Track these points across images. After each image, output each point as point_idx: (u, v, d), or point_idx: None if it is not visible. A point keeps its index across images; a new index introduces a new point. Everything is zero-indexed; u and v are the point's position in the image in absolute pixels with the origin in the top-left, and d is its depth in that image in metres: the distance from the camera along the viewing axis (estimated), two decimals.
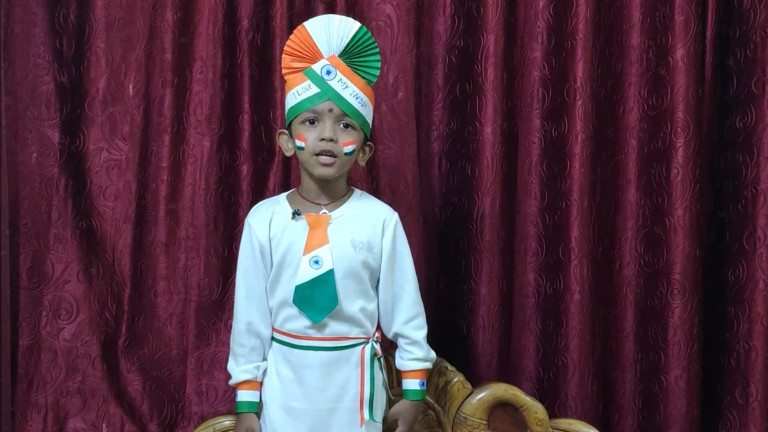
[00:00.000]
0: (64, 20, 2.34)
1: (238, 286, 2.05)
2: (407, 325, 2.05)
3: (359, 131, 1.99)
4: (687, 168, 2.32)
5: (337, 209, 2.02)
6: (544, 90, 2.35)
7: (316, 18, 2.03)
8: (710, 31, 2.36)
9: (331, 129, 1.95)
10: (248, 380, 2.03)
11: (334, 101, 1.95)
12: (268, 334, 2.03)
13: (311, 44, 1.97)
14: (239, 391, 2.04)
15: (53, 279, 2.35)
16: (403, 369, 2.07)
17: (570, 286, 2.36)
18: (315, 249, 1.97)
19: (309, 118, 1.96)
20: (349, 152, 1.97)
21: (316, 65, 1.96)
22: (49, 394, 2.35)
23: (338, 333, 1.99)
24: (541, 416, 2.22)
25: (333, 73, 1.95)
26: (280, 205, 2.04)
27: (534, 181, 2.36)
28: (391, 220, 2.04)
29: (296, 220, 1.99)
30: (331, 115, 1.95)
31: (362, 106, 1.98)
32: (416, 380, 2.06)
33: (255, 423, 2.03)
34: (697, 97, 2.33)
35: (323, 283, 1.96)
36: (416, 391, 2.06)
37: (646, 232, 2.38)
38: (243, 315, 2.03)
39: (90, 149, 2.36)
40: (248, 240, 2.03)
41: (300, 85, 1.97)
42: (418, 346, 2.05)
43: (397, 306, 2.05)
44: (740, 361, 2.33)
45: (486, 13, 2.36)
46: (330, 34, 1.97)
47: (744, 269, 2.33)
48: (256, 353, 2.03)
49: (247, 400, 2.03)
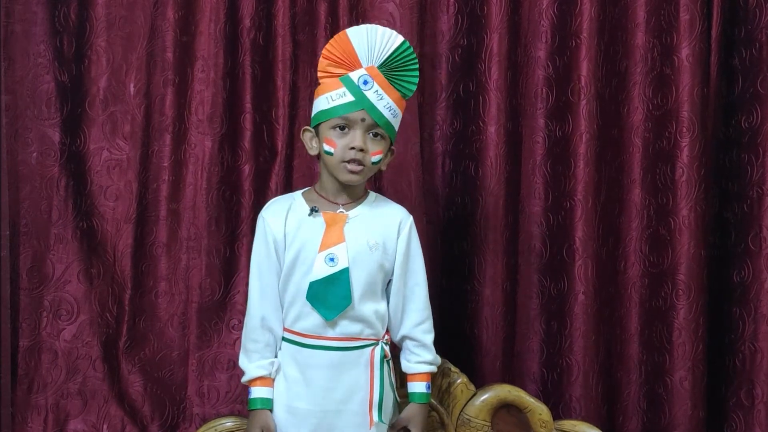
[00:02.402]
0: (64, 19, 2.33)
1: (251, 281, 2.04)
2: (417, 328, 2.05)
3: (387, 139, 2.00)
4: (692, 168, 2.31)
5: (353, 209, 2.02)
6: (548, 89, 2.35)
7: (359, 26, 2.01)
8: (716, 31, 2.36)
9: (361, 139, 1.95)
10: (262, 377, 2.01)
11: (367, 111, 1.95)
12: (280, 331, 2.02)
13: (351, 52, 1.97)
14: (253, 388, 2.02)
15: (53, 279, 2.35)
16: (410, 372, 2.06)
17: (574, 286, 2.35)
18: (331, 247, 1.97)
19: (340, 125, 1.96)
20: (376, 161, 1.98)
21: (353, 73, 1.96)
22: (50, 395, 2.34)
23: (349, 333, 1.98)
24: (545, 418, 2.22)
25: (370, 84, 1.95)
26: (296, 201, 2.04)
27: (538, 181, 2.36)
28: (407, 223, 2.05)
29: (313, 216, 1.99)
30: (363, 125, 1.95)
31: (393, 117, 1.99)
32: (423, 383, 2.06)
33: (270, 420, 2.01)
34: (703, 96, 2.33)
35: (337, 281, 1.96)
36: (423, 394, 2.06)
37: (651, 232, 2.37)
38: (257, 310, 2.02)
39: (91, 149, 2.35)
40: (262, 234, 2.02)
41: (335, 91, 1.96)
42: (426, 350, 2.05)
43: (408, 308, 2.05)
44: (746, 362, 2.32)
45: (490, 12, 2.36)
46: (371, 44, 1.96)
47: (749, 270, 2.32)
48: (270, 349, 2.02)
49: (261, 397, 2.01)
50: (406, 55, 1.99)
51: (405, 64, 2.00)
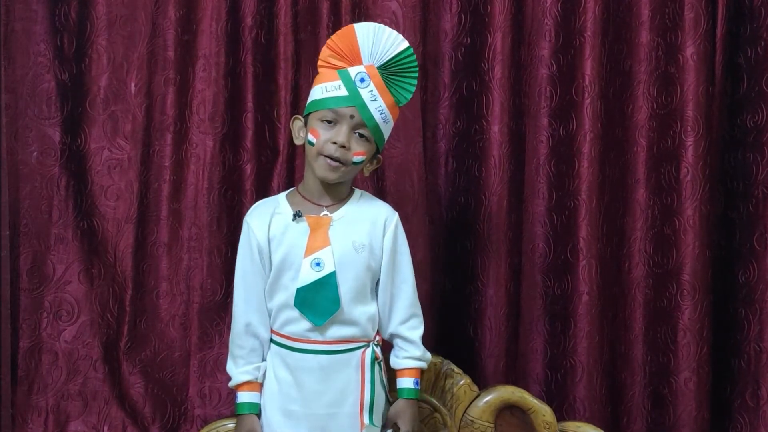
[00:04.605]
0: (65, 17, 2.33)
1: (236, 287, 2.04)
2: (403, 326, 2.04)
3: (372, 144, 1.99)
4: (697, 167, 2.31)
5: (338, 210, 2.01)
6: (552, 88, 2.34)
7: (368, 24, 2.01)
8: (720, 29, 2.35)
9: (345, 135, 1.94)
10: (248, 381, 2.01)
11: (358, 109, 1.94)
12: (266, 336, 2.02)
13: (354, 46, 1.96)
14: (240, 393, 2.02)
15: (54, 280, 2.34)
16: (398, 367, 2.05)
17: (578, 287, 2.34)
18: (316, 251, 1.96)
19: (328, 119, 1.95)
20: (357, 162, 1.97)
21: (352, 69, 1.95)
22: (50, 396, 2.33)
23: (339, 336, 1.97)
24: (548, 419, 2.21)
25: (366, 82, 1.95)
26: (280, 205, 2.03)
27: (542, 180, 2.35)
28: (392, 221, 2.03)
29: (297, 221, 1.98)
30: (351, 122, 1.94)
31: (384, 122, 1.98)
32: (410, 378, 2.04)
33: (256, 425, 2.01)
34: (707, 95, 2.32)
35: (325, 285, 1.95)
36: (410, 389, 2.04)
37: (656, 232, 2.37)
38: (241, 316, 2.02)
39: (91, 148, 2.35)
40: (246, 240, 2.02)
41: (330, 83, 1.96)
42: (414, 345, 2.04)
43: (395, 306, 2.04)
44: (751, 363, 2.32)
45: (493, 11, 2.35)
46: (376, 43, 1.96)
47: (755, 270, 2.31)
48: (256, 354, 2.02)
49: (247, 401, 2.01)
50: (408, 62, 1.99)
51: (405, 70, 1.99)
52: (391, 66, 1.97)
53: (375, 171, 2.34)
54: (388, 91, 1.97)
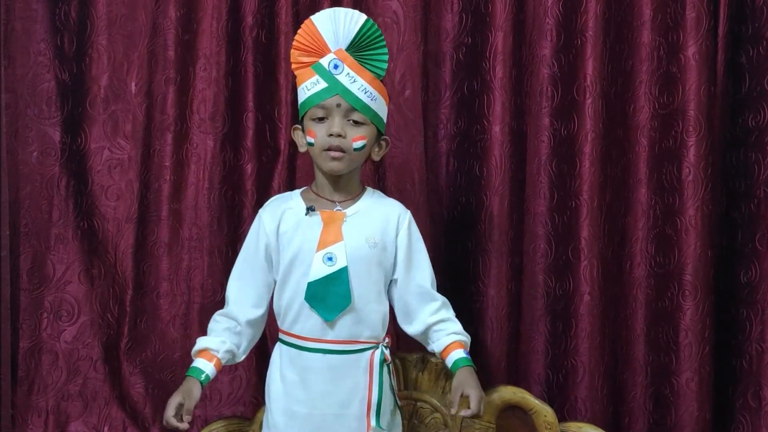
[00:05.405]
0: (65, 17, 2.33)
1: (233, 269, 2.04)
2: (436, 315, 2.02)
3: (371, 126, 1.97)
4: (698, 167, 2.30)
5: (351, 207, 2.00)
6: (554, 88, 2.33)
7: (323, 11, 2.01)
8: (722, 28, 2.34)
9: (339, 124, 1.94)
10: (208, 349, 1.97)
11: (342, 96, 1.93)
12: (243, 324, 1.99)
13: (318, 38, 1.96)
14: (196, 359, 1.97)
15: (54, 280, 2.34)
16: (444, 345, 2.01)
17: (579, 287, 2.34)
18: (329, 246, 1.95)
19: (319, 116, 1.95)
20: (359, 147, 1.95)
21: (323, 59, 1.95)
22: (50, 397, 2.33)
23: (348, 335, 1.96)
24: (550, 419, 2.20)
25: (340, 68, 1.94)
26: (294, 200, 2.03)
27: (543, 180, 2.34)
28: (405, 218, 2.03)
29: (310, 216, 1.97)
30: (340, 110, 1.94)
31: (372, 100, 1.96)
32: (460, 349, 2.00)
33: (195, 389, 1.94)
34: (709, 95, 2.31)
35: (336, 280, 1.94)
36: (464, 358, 1.99)
37: (657, 232, 2.36)
38: (229, 294, 2.02)
39: (91, 148, 2.35)
40: (255, 231, 2.03)
41: (309, 81, 1.96)
42: (451, 322, 2.03)
43: (422, 302, 2.02)
44: (753, 363, 2.31)
45: (494, 10, 2.35)
46: (336, 27, 1.96)
47: (757, 270, 2.30)
48: (228, 333, 1.98)
49: (198, 367, 1.96)
50: (372, 33, 1.98)
51: (372, 43, 1.98)
52: (357, 43, 1.97)
53: (376, 171, 2.35)
54: (363, 68, 1.96)
